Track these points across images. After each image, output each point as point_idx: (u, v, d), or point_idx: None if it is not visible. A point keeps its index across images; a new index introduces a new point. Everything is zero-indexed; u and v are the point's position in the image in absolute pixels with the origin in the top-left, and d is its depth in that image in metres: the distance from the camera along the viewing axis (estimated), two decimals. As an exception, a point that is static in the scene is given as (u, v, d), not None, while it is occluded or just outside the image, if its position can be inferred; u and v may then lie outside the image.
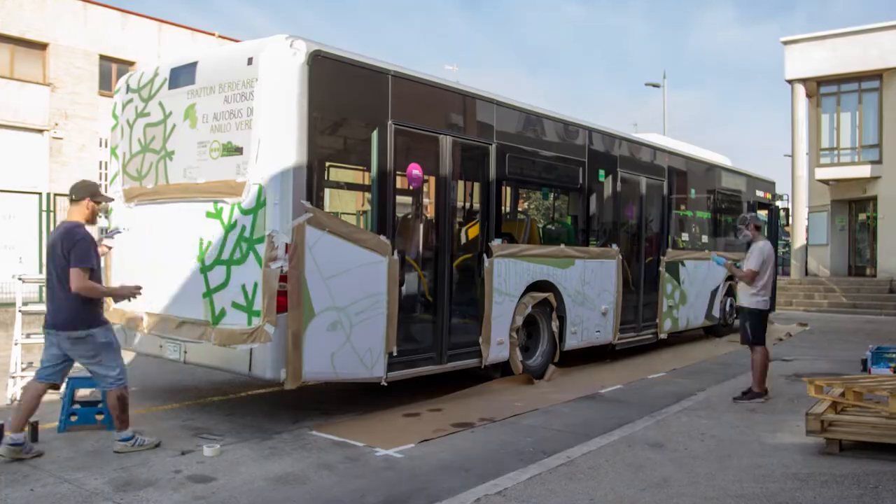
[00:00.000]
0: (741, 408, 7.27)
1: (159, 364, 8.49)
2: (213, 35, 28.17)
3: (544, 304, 9.10)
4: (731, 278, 14.13)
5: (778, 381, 8.82)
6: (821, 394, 6.09)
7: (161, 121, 7.11)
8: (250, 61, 6.35)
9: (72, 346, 5.53)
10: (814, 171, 24.44)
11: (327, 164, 9.05)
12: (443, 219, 7.87)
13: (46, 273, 5.68)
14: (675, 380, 9.56)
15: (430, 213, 9.03)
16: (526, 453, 5.91)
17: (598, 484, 4.83)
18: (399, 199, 7.81)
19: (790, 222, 22.39)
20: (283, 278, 6.11)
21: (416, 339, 7.65)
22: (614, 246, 10.63)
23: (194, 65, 6.90)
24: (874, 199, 23.64)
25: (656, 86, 30.42)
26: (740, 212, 15.01)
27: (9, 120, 22.93)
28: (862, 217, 25.17)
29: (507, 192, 10.75)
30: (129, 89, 7.57)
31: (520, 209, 12.24)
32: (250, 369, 6.28)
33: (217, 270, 6.53)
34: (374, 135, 6.98)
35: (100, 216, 6.23)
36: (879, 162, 23.19)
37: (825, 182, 24.58)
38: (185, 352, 6.77)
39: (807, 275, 24.96)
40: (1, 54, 23.23)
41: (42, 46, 23.99)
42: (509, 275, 8.49)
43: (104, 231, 7.12)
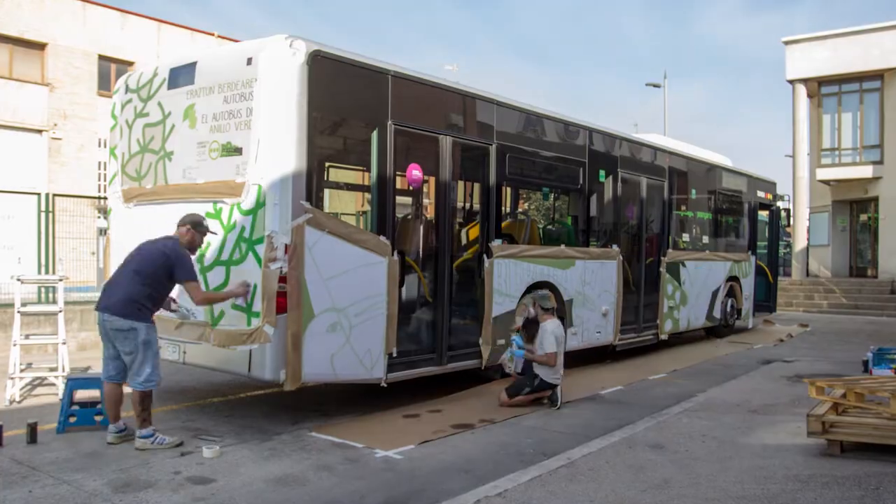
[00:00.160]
0: (742, 409, 7.24)
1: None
2: (213, 35, 28.18)
3: (545, 304, 9.07)
4: (733, 279, 14.16)
5: (779, 383, 8.80)
6: (822, 395, 6.07)
7: (160, 121, 7.10)
8: (250, 61, 6.34)
9: (115, 336, 5.82)
10: (815, 171, 24.43)
11: (327, 164, 9.05)
12: (443, 219, 7.85)
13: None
14: (676, 381, 9.54)
15: (430, 213, 9.02)
16: (526, 455, 5.89)
17: (599, 485, 4.82)
18: (399, 199, 7.81)
19: (791, 223, 22.37)
20: (282, 279, 6.10)
21: (416, 340, 7.63)
22: (615, 246, 10.61)
23: (193, 65, 6.89)
24: (875, 199, 23.63)
25: (657, 86, 30.39)
26: (742, 212, 15.01)
27: (7, 120, 22.93)
28: (863, 218, 25.15)
29: (508, 192, 10.74)
30: (128, 89, 7.56)
31: (520, 210, 12.22)
32: (249, 370, 6.27)
33: (216, 271, 6.52)
34: (374, 135, 6.97)
35: (99, 216, 6.26)
36: (881, 162, 23.18)
37: (826, 182, 24.57)
38: (185, 353, 6.76)
39: (808, 275, 24.95)
40: (-1, 54, 23.27)
41: (41, 46, 23.98)
42: (509, 275, 8.47)
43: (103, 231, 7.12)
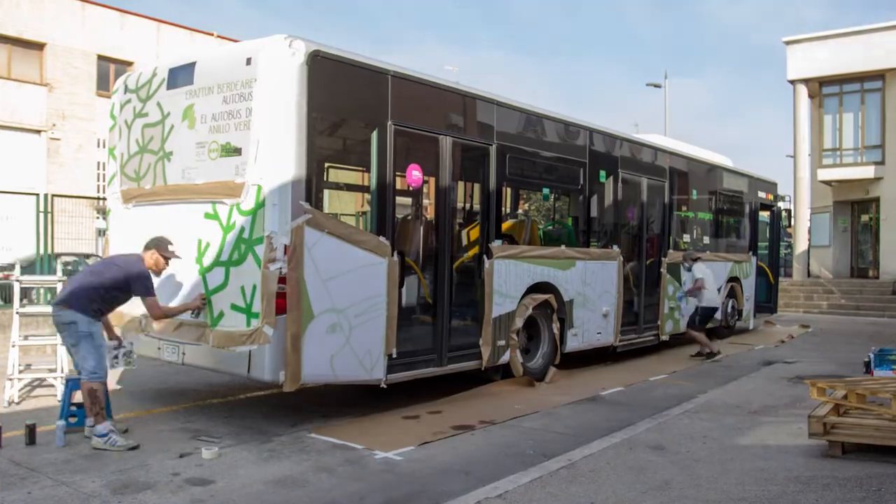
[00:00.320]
0: (743, 410, 7.22)
1: (157, 366, 8.47)
2: (212, 35, 28.18)
3: (545, 305, 9.05)
4: (734, 279, 14.13)
5: (780, 384, 8.78)
6: (823, 396, 6.05)
7: (159, 121, 7.08)
8: (249, 61, 6.32)
9: (61, 330, 6.06)
10: (816, 171, 24.41)
11: (326, 164, 9.03)
12: (443, 220, 7.83)
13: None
14: (677, 382, 9.52)
15: (429, 214, 9.00)
16: (526, 456, 5.87)
17: (600, 487, 4.80)
18: (399, 200, 7.77)
19: (792, 223, 22.34)
20: (281, 280, 6.07)
21: (416, 341, 7.60)
22: (615, 247, 10.59)
23: (193, 65, 6.87)
24: (877, 200, 23.60)
25: (657, 86, 30.37)
26: (743, 213, 15.00)
27: (6, 120, 22.91)
28: (864, 218, 25.12)
29: (508, 193, 10.72)
30: (127, 89, 7.54)
31: (520, 210, 12.21)
32: (249, 371, 6.25)
33: (215, 272, 6.50)
34: (374, 135, 6.95)
35: (97, 217, 6.33)
36: (882, 163, 23.15)
37: (827, 183, 24.54)
38: (184, 353, 6.74)
39: (809, 276, 24.91)
40: (-2, 54, 23.26)
41: (39, 46, 23.97)
42: (510, 276, 8.45)
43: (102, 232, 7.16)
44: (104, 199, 8.44)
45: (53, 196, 11.20)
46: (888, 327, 17.21)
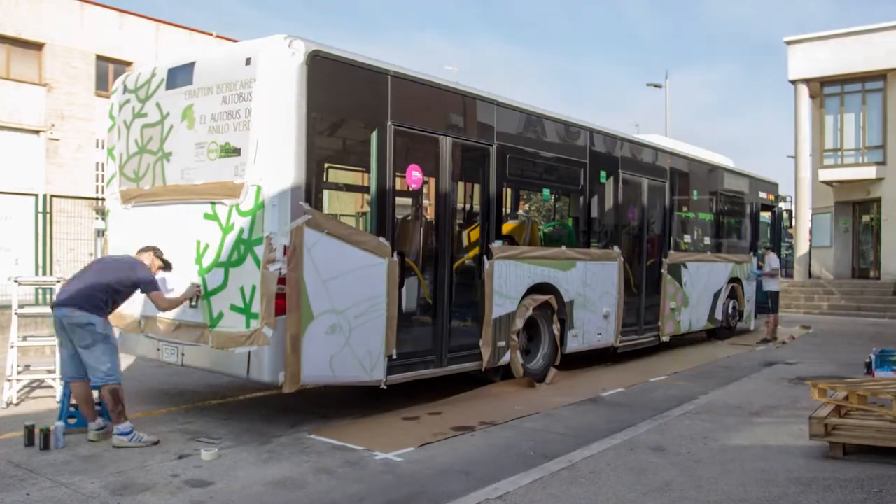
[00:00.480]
0: (744, 411, 7.20)
1: (157, 367, 8.47)
2: (212, 35, 28.14)
3: (545, 306, 9.03)
4: (735, 280, 14.10)
5: (781, 385, 8.76)
6: (824, 397, 6.03)
7: (158, 121, 7.07)
8: (248, 61, 6.30)
9: (72, 331, 5.99)
10: (817, 172, 24.38)
11: (326, 165, 9.02)
12: (443, 220, 7.81)
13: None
14: (678, 383, 9.50)
15: (429, 214, 8.98)
16: (527, 457, 5.86)
17: (600, 488, 4.79)
18: (399, 200, 7.75)
19: (793, 224, 22.32)
20: (281, 280, 6.06)
21: (416, 342, 7.59)
22: (616, 248, 10.57)
23: (192, 65, 6.85)
24: (878, 200, 23.57)
25: (658, 86, 30.33)
26: (744, 213, 14.97)
27: (4, 121, 22.86)
28: (866, 219, 25.09)
29: (508, 193, 10.69)
30: (126, 90, 7.53)
31: (521, 211, 12.19)
32: (248, 372, 6.23)
33: (215, 272, 6.48)
34: (374, 136, 6.93)
35: (96, 217, 6.33)
36: (884, 163, 23.13)
37: (829, 183, 24.52)
38: (183, 354, 6.72)
39: (810, 277, 24.88)
40: (-4, 54, 23.21)
41: (38, 46, 23.92)
42: (510, 277, 8.43)
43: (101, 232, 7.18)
44: (103, 199, 8.43)
45: (52, 196, 11.17)
46: (889, 328, 17.18)
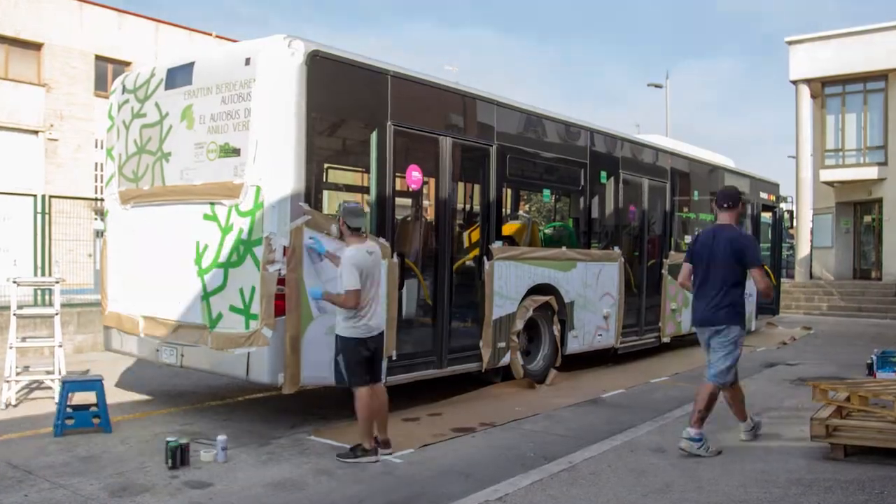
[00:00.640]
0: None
1: (156, 368, 8.45)
2: (211, 35, 28.10)
3: (546, 307, 9.01)
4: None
5: (782, 385, 8.74)
6: (825, 398, 6.01)
7: (157, 122, 7.05)
8: (248, 62, 6.29)
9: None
10: (818, 172, 24.34)
11: (326, 165, 9.02)
12: (443, 221, 7.80)
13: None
14: (678, 384, 9.48)
15: (429, 215, 8.98)
16: (527, 458, 5.84)
17: (600, 490, 4.77)
18: (398, 201, 7.75)
19: (794, 225, 22.28)
20: (280, 281, 6.05)
21: (416, 343, 7.58)
22: (616, 248, 10.55)
23: (191, 65, 6.84)
24: (879, 201, 23.53)
25: (658, 86, 30.30)
26: (744, 214, 14.92)
27: (3, 121, 22.79)
28: (867, 219, 25.06)
29: (508, 193, 10.68)
30: (125, 90, 7.52)
31: (521, 211, 12.17)
32: (248, 374, 6.23)
33: (214, 273, 6.47)
34: (374, 136, 6.92)
35: (96, 218, 6.26)
36: (885, 164, 23.10)
37: (830, 184, 24.49)
38: (182, 355, 6.71)
39: (811, 278, 24.84)
40: (-5, 54, 23.15)
41: (37, 46, 23.85)
42: (510, 278, 8.41)
43: (99, 233, 7.13)
44: (102, 199, 8.42)
45: (51, 197, 11.14)
46: (891, 329, 17.14)
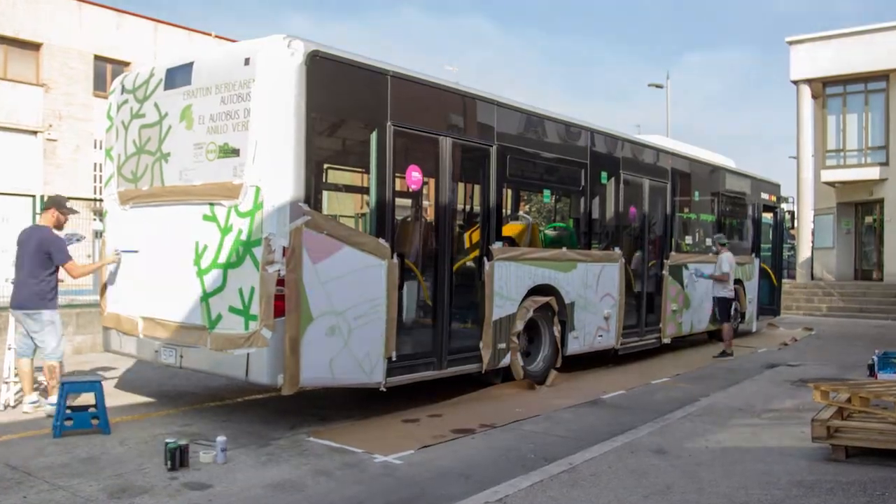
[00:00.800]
0: (746, 413, 7.17)
1: (155, 369, 8.44)
2: (210, 35, 28.11)
3: (546, 308, 8.99)
4: (737, 282, 14.04)
5: (783, 386, 8.72)
6: (827, 399, 5.99)
7: (157, 122, 7.04)
8: (247, 62, 6.28)
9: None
10: (819, 173, 24.32)
11: (325, 165, 9.01)
12: (443, 221, 7.78)
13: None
14: (679, 385, 9.46)
15: (429, 215, 8.96)
16: (527, 460, 5.83)
17: (601, 491, 4.75)
18: (398, 201, 7.72)
19: (795, 225, 22.26)
20: (280, 282, 6.03)
21: (416, 344, 7.56)
22: (617, 249, 10.53)
23: (190, 65, 6.83)
24: (881, 201, 23.50)
25: (659, 86, 30.27)
26: (745, 214, 14.92)
27: (2, 121, 22.81)
28: (868, 220, 25.02)
29: (509, 194, 10.68)
30: (124, 90, 7.51)
31: (521, 212, 12.16)
32: (247, 375, 6.21)
33: (213, 274, 6.45)
34: (373, 136, 6.90)
35: (94, 218, 6.35)
36: (886, 164, 23.08)
37: (831, 184, 24.46)
38: (181, 356, 6.70)
39: (812, 278, 24.81)
40: (-6, 54, 23.16)
41: (35, 46, 23.86)
42: (510, 278, 8.39)
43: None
44: (101, 200, 8.40)
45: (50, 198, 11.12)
46: (892, 330, 17.11)
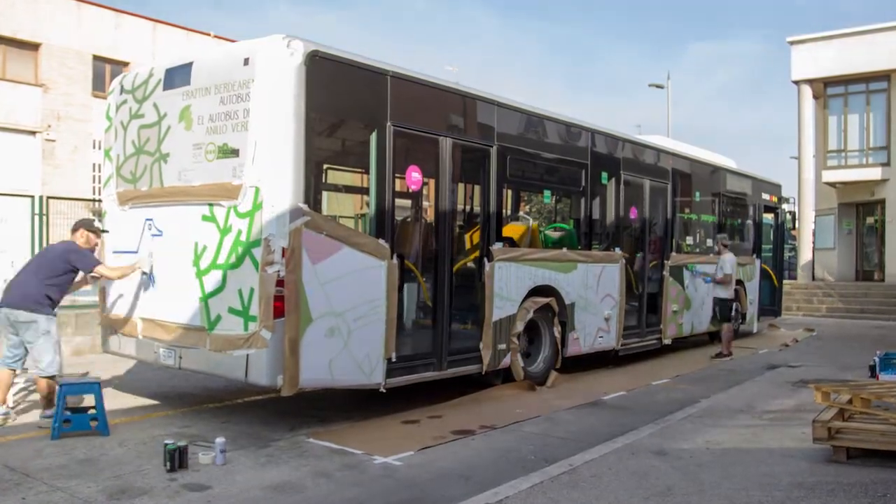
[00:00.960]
0: (747, 415, 7.15)
1: (154, 370, 8.42)
2: (209, 35, 28.10)
3: (546, 308, 8.98)
4: (738, 282, 14.02)
5: (784, 388, 8.71)
6: (828, 400, 5.97)
7: (156, 122, 7.03)
8: (246, 62, 6.27)
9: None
10: (821, 173, 24.30)
11: (325, 166, 9.00)
12: (443, 222, 7.76)
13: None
14: (680, 386, 9.44)
15: (429, 216, 8.95)
16: (527, 461, 5.81)
17: (601, 492, 4.74)
18: (398, 202, 7.70)
19: (796, 226, 22.24)
20: (279, 283, 6.02)
21: (416, 345, 7.56)
22: (617, 250, 10.51)
23: (190, 65, 6.82)
24: (882, 202, 23.47)
25: (660, 86, 30.27)
26: (746, 215, 14.90)
27: (1, 122, 22.77)
28: (869, 220, 25.00)
29: (509, 194, 10.66)
30: (123, 90, 7.50)
31: (522, 212, 12.16)
32: (246, 376, 6.20)
33: (213, 275, 6.44)
34: (373, 136, 6.89)
35: (94, 219, 6.36)
36: (888, 164, 23.05)
37: (832, 185, 24.44)
38: (181, 357, 6.69)
39: (813, 279, 24.79)
40: (-8, 54, 23.11)
41: (34, 46, 23.80)
42: (510, 279, 8.37)
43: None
44: (100, 201, 8.39)
45: (49, 198, 11.10)
46: (894, 331, 17.08)
